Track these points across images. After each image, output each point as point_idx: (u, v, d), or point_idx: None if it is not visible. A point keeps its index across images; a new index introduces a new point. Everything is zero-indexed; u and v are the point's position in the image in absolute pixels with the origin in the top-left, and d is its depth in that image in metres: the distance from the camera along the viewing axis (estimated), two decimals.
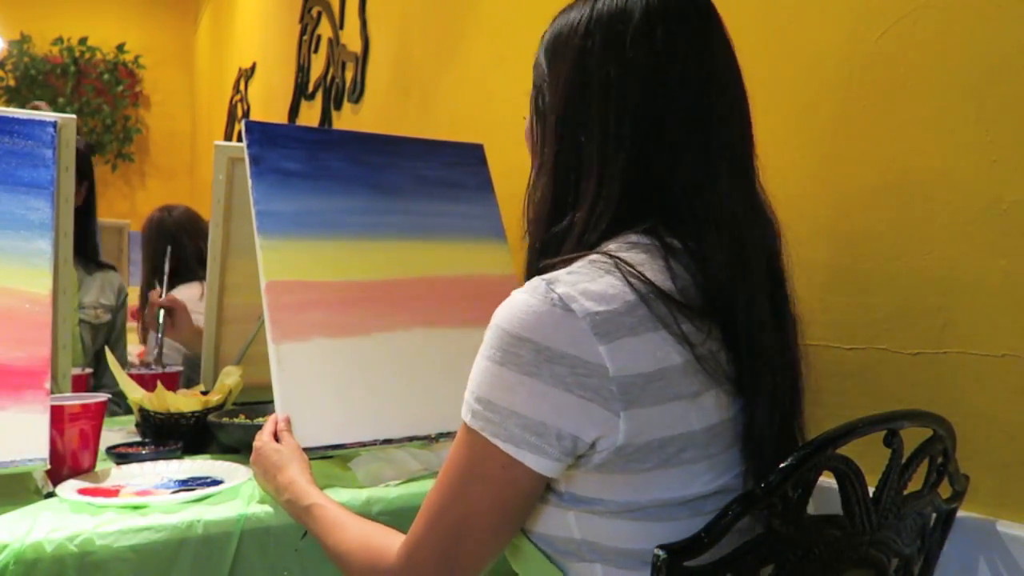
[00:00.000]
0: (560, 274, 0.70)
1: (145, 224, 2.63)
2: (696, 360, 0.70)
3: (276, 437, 1.12)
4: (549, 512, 0.75)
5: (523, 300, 0.69)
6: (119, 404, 1.67)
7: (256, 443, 1.11)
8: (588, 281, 0.69)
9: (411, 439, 1.24)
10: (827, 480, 0.72)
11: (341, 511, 0.92)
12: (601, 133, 0.75)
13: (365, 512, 1.09)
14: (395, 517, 1.07)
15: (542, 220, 0.80)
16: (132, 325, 2.53)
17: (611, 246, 0.74)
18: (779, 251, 0.81)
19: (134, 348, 2.57)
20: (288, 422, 1.14)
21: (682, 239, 0.74)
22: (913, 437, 0.79)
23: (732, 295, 0.72)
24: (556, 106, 0.78)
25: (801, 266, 1.09)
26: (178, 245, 2.34)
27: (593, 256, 0.72)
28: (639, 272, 0.69)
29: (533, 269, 0.78)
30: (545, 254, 0.78)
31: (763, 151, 1.15)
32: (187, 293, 2.32)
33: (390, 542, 0.79)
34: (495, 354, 0.70)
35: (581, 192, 0.76)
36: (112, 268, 2.29)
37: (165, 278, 1.96)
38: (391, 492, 1.13)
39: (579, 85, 0.76)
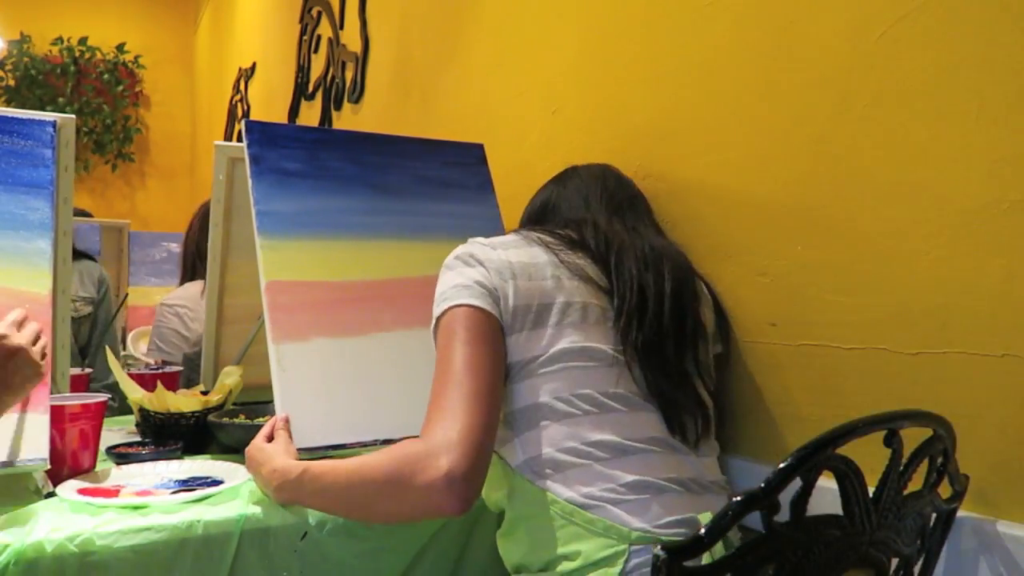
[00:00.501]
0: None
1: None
2: (560, 262, 1.05)
3: (271, 439, 1.13)
4: (514, 389, 1.01)
5: (456, 248, 1.08)
6: (113, 398, 1.67)
7: (248, 448, 1.12)
8: (494, 238, 1.09)
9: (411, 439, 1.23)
10: (827, 480, 0.72)
11: (337, 461, 0.97)
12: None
13: None
14: None
15: None
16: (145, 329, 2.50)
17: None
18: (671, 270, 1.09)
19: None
20: (287, 422, 1.14)
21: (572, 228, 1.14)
22: (913, 437, 0.79)
23: (606, 239, 1.09)
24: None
25: (801, 266, 1.10)
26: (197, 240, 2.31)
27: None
28: (521, 230, 1.13)
29: None
30: None
31: (763, 151, 1.15)
32: (193, 290, 2.32)
33: (406, 440, 0.92)
34: (441, 274, 1.05)
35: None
36: (90, 258, 2.23)
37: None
38: None
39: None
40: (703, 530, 0.64)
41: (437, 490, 0.85)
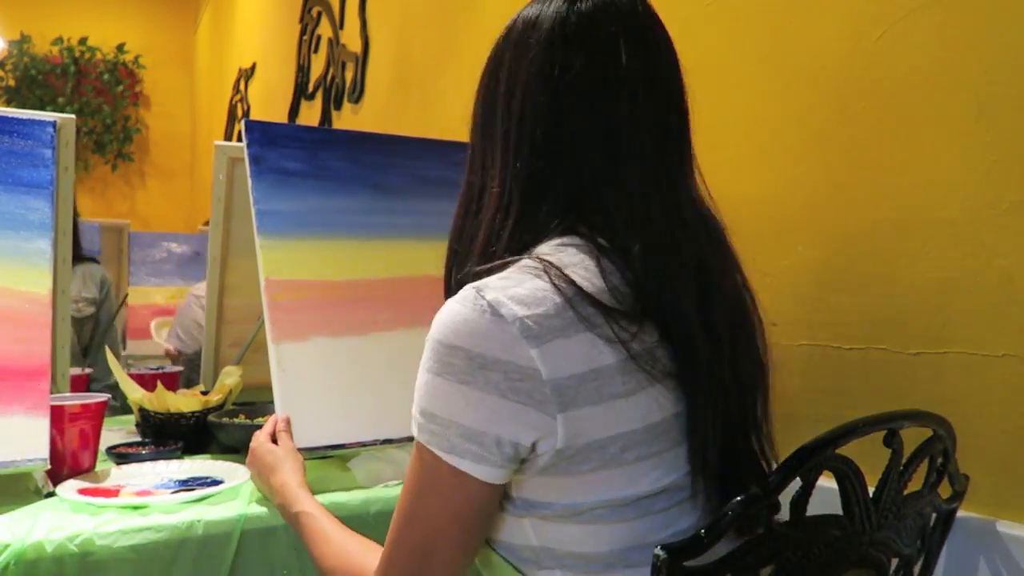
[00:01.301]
0: (490, 280, 0.70)
1: None
2: (631, 358, 0.69)
3: (274, 438, 1.12)
4: (507, 520, 0.74)
5: (454, 309, 0.69)
6: (114, 397, 1.67)
7: (252, 444, 1.11)
8: (516, 285, 0.68)
9: (410, 439, 1.23)
10: (827, 480, 0.72)
11: (327, 522, 0.90)
12: (502, 139, 0.78)
13: (363, 512, 1.09)
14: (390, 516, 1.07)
15: (454, 228, 0.82)
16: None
17: (543, 249, 0.73)
18: (714, 256, 0.79)
19: None
20: (287, 422, 1.14)
21: (608, 238, 0.73)
22: (913, 437, 0.79)
23: (657, 293, 0.72)
24: (473, 113, 0.83)
25: (801, 266, 1.10)
26: None
27: (524, 261, 0.71)
28: (566, 275, 0.69)
29: (451, 277, 0.80)
30: (457, 259, 0.79)
31: (763, 151, 1.15)
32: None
33: (368, 563, 0.78)
34: (432, 365, 0.70)
35: (485, 198, 0.79)
36: (94, 261, 2.25)
37: None
38: (391, 492, 1.13)
39: (489, 93, 0.81)
40: (703, 530, 0.64)
41: None
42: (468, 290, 0.69)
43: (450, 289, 0.80)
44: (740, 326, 0.80)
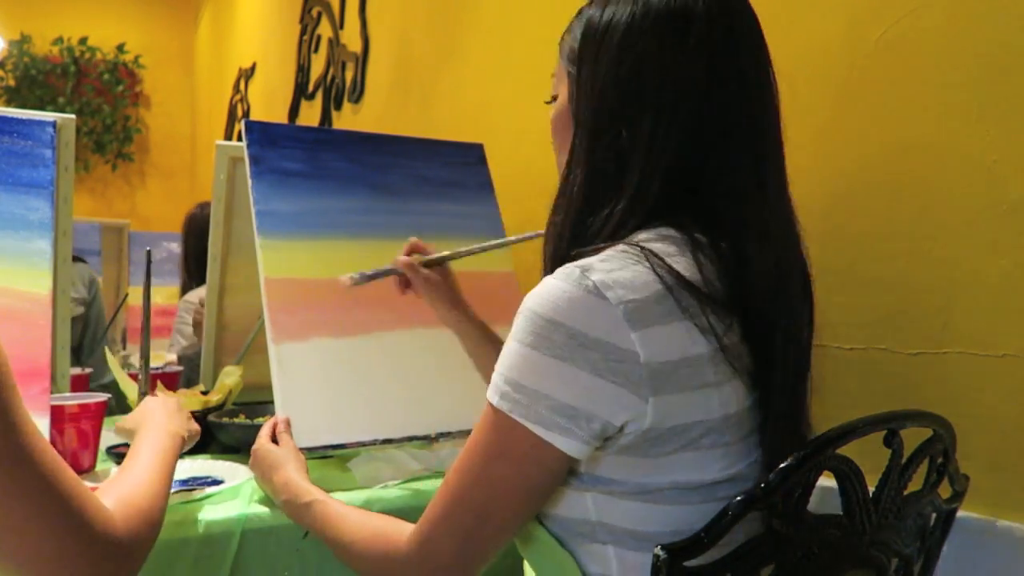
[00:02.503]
0: (593, 261, 0.71)
1: (184, 222, 2.63)
2: (721, 350, 0.71)
3: (275, 439, 1.12)
4: (566, 494, 0.75)
5: (557, 286, 0.70)
6: (113, 396, 1.67)
7: (254, 446, 1.11)
8: (620, 269, 0.70)
9: (411, 439, 1.24)
10: (827, 480, 0.72)
11: (341, 505, 0.91)
12: (650, 132, 0.75)
13: None
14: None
15: (575, 210, 0.79)
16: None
17: (641, 236, 0.74)
18: (798, 265, 0.83)
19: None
20: (287, 423, 1.14)
21: (712, 238, 0.75)
22: (913, 437, 0.79)
23: (766, 296, 0.75)
24: (598, 96, 0.78)
25: None
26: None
27: (623, 246, 0.72)
28: (668, 264, 0.71)
29: (561, 257, 0.77)
30: (577, 244, 0.78)
31: None
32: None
33: (400, 528, 0.79)
34: (527, 337, 0.70)
35: (622, 186, 0.77)
36: (81, 260, 2.26)
37: None
38: (391, 492, 1.13)
39: (626, 80, 0.76)
40: (703, 529, 0.64)
41: None
42: (572, 269, 0.70)
43: (548, 264, 0.80)
44: (803, 328, 0.81)
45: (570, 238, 0.79)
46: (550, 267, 0.75)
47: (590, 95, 0.79)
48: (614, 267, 0.70)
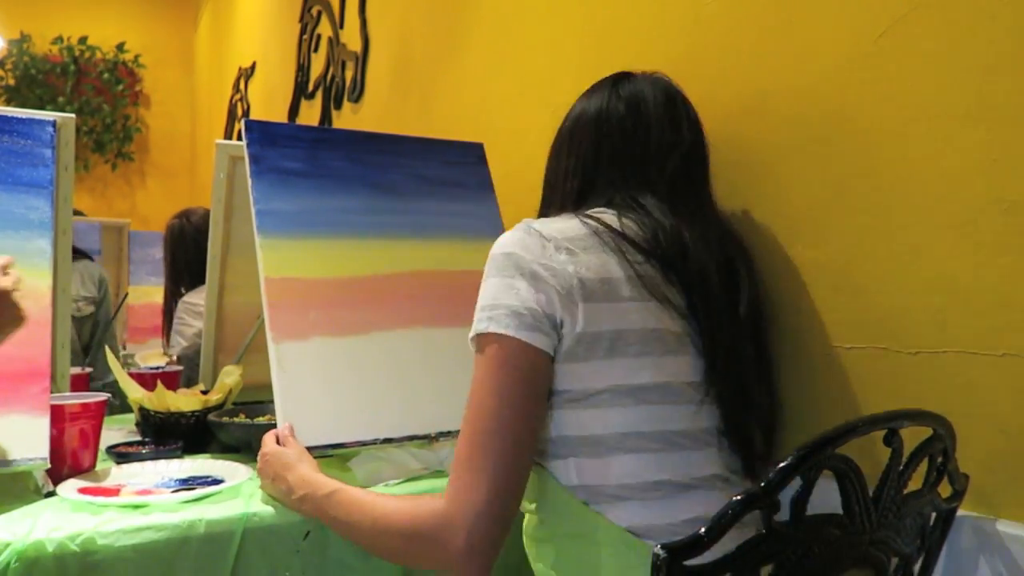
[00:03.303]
0: (536, 219, 0.96)
1: (166, 232, 2.61)
2: (636, 276, 0.92)
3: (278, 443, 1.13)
4: None
5: (510, 233, 0.93)
6: (114, 395, 1.67)
7: (263, 449, 1.11)
8: (556, 222, 0.95)
9: (411, 438, 1.24)
10: (827, 479, 0.72)
11: (363, 491, 0.97)
12: (566, 169, 1.07)
13: None
14: None
15: (539, 214, 1.09)
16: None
17: (584, 211, 0.99)
18: (732, 252, 1.02)
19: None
20: (291, 429, 1.14)
21: (637, 215, 0.98)
22: (913, 437, 0.79)
23: (680, 241, 0.95)
24: (550, 163, 1.12)
25: (801, 266, 1.10)
26: (199, 249, 2.34)
27: (563, 215, 0.99)
28: (594, 216, 0.96)
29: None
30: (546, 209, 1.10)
31: (763, 150, 1.15)
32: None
33: (425, 497, 0.89)
34: (490, 271, 0.91)
35: (556, 197, 1.08)
36: (88, 257, 2.23)
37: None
38: (392, 491, 1.13)
39: (558, 152, 1.11)
40: (703, 529, 0.64)
41: (457, 559, 0.83)
42: (521, 223, 0.94)
43: None
44: (756, 290, 1.02)
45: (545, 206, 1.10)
46: None
47: (550, 157, 1.13)
48: (552, 222, 0.95)
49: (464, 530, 0.83)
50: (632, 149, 1.03)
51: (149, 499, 1.05)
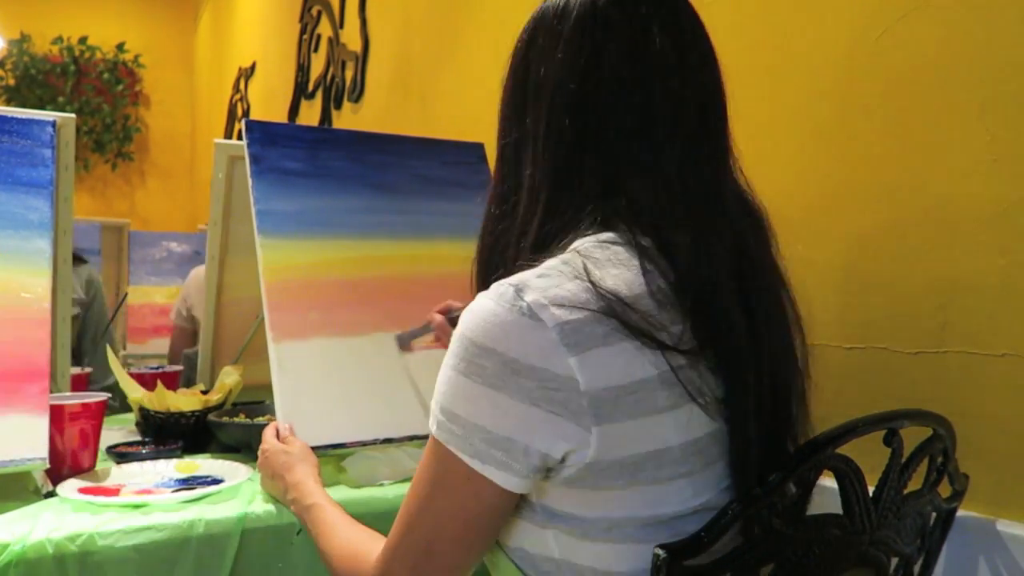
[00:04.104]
0: (529, 277, 0.66)
1: None
2: (672, 371, 0.65)
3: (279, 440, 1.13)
4: (527, 528, 0.71)
5: (489, 308, 0.65)
6: (114, 399, 1.67)
7: (263, 446, 1.11)
8: (557, 286, 0.64)
9: (411, 438, 1.24)
10: (827, 480, 0.72)
11: (338, 514, 0.92)
12: (532, 131, 0.74)
13: (360, 512, 1.08)
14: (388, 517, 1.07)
15: (484, 222, 0.78)
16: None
17: (586, 245, 0.69)
18: (756, 244, 0.76)
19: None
20: (291, 429, 1.14)
21: (648, 235, 0.69)
22: (913, 437, 0.79)
23: (700, 292, 0.68)
24: (501, 105, 0.79)
25: (801, 266, 1.09)
26: None
27: (565, 256, 0.68)
28: (607, 283, 0.65)
29: (482, 271, 0.77)
30: (493, 252, 0.76)
31: (763, 149, 1.15)
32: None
33: (372, 550, 0.77)
34: (459, 364, 0.66)
35: (520, 192, 0.75)
36: (82, 260, 2.25)
37: None
38: (387, 492, 1.13)
39: (518, 84, 0.77)
40: (703, 529, 0.64)
41: None
42: (506, 288, 0.65)
43: (481, 284, 0.77)
44: (775, 318, 0.76)
45: (488, 248, 0.77)
46: (484, 283, 0.71)
47: (502, 108, 0.80)
48: (551, 284, 0.64)
49: None
50: (641, 107, 0.71)
51: (149, 499, 1.05)
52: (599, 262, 0.66)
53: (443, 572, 0.71)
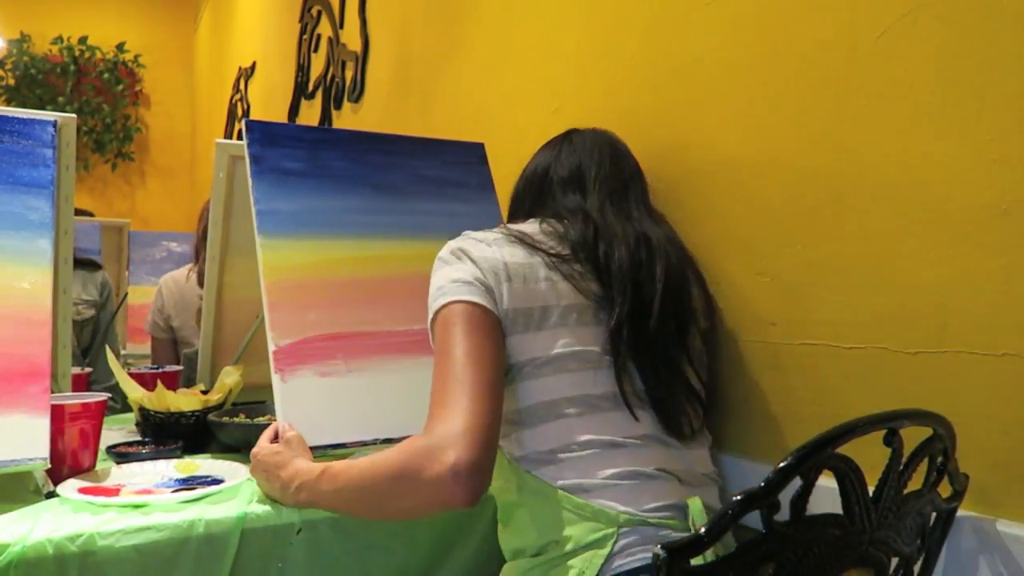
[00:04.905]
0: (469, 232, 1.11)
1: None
2: (551, 263, 1.06)
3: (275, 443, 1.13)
4: None
5: (449, 242, 1.08)
6: (116, 400, 1.67)
7: (254, 450, 1.11)
8: (484, 232, 1.09)
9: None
10: (827, 480, 0.72)
11: (355, 460, 0.98)
12: (518, 198, 1.26)
13: None
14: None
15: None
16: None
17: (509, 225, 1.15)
18: (659, 239, 1.12)
19: None
20: (290, 428, 1.15)
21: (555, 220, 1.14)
22: (913, 436, 0.79)
23: (591, 243, 1.08)
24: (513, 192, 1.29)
25: (802, 266, 1.10)
26: None
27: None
28: (516, 225, 1.12)
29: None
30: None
31: (763, 151, 1.15)
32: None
33: (412, 437, 0.92)
34: (437, 266, 1.05)
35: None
36: (96, 265, 2.26)
37: None
38: None
39: (517, 191, 1.28)
40: (703, 529, 0.64)
41: (445, 483, 0.85)
42: (463, 234, 1.10)
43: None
44: (677, 275, 1.10)
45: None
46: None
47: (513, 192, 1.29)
48: (482, 232, 1.09)
49: (447, 452, 0.86)
50: (573, 180, 1.18)
51: (149, 499, 1.05)
52: (518, 225, 1.14)
53: (486, 378, 0.94)
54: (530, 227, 1.11)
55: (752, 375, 1.18)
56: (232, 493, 1.10)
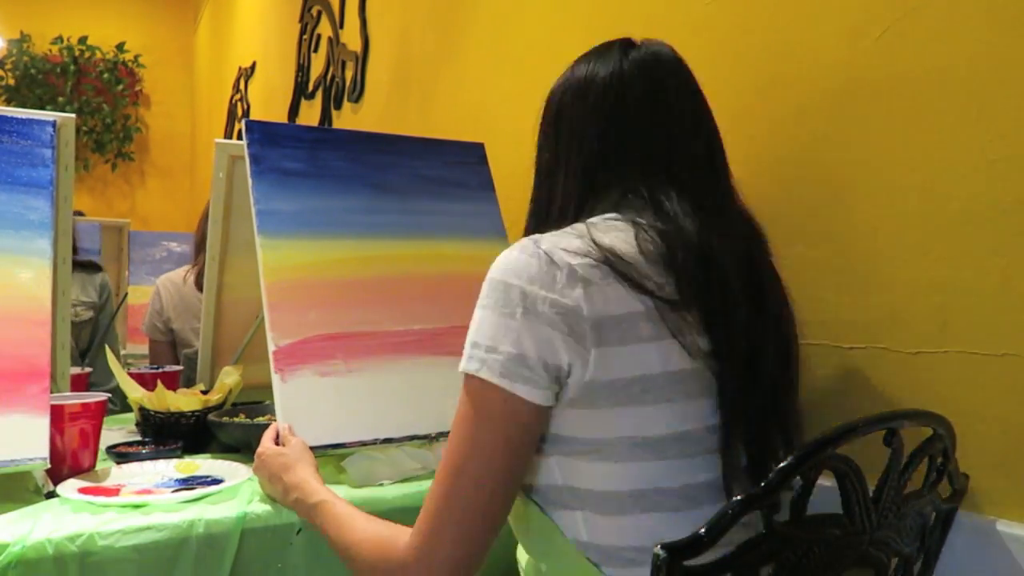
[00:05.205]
0: (543, 235, 0.83)
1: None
2: (656, 310, 0.80)
3: (278, 443, 1.13)
4: (537, 461, 0.82)
5: (513, 254, 0.81)
6: (114, 402, 1.67)
7: (259, 450, 1.11)
8: (565, 242, 0.81)
9: (411, 438, 1.24)
10: (827, 480, 0.72)
11: (349, 507, 0.94)
12: (565, 164, 0.93)
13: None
14: (389, 517, 1.07)
15: (531, 215, 0.97)
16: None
17: (592, 220, 0.86)
18: (759, 252, 0.91)
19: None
20: (290, 429, 1.14)
21: (650, 220, 0.85)
22: (913, 437, 0.79)
23: (686, 257, 0.82)
24: (539, 149, 0.97)
25: (802, 266, 1.10)
26: None
27: (572, 226, 0.85)
28: (604, 237, 0.82)
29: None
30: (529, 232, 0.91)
31: (763, 149, 1.15)
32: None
33: (399, 531, 0.83)
34: (486, 301, 0.80)
35: (554, 202, 0.93)
36: (96, 267, 2.26)
37: None
38: (387, 492, 1.13)
39: (551, 136, 0.95)
40: (703, 529, 0.64)
41: None
42: (526, 240, 0.82)
43: None
44: (783, 317, 0.90)
45: (533, 230, 0.92)
46: None
47: (540, 148, 0.97)
48: (560, 240, 0.81)
49: None
50: (653, 136, 0.88)
51: (149, 499, 1.05)
52: (599, 228, 0.83)
53: (485, 519, 0.79)
54: (623, 238, 0.82)
55: None
56: (232, 493, 1.10)
